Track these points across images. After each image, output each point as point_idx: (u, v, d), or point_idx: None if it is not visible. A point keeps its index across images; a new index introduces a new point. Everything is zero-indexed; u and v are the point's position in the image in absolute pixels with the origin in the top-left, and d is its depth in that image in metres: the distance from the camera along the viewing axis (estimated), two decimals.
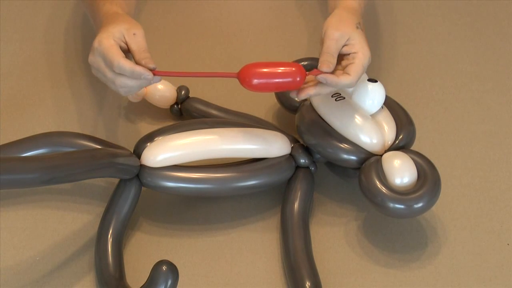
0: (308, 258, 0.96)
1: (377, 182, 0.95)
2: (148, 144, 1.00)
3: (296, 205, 1.00)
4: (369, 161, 0.98)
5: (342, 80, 0.95)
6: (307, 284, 0.93)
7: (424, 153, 1.03)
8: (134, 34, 0.97)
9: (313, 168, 1.04)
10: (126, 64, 0.94)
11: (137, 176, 0.99)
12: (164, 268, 0.85)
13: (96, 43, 0.96)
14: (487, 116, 1.16)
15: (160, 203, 1.05)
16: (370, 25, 1.22)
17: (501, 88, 1.20)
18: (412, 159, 0.97)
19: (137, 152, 1.00)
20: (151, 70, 0.95)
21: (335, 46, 0.97)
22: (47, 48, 1.25)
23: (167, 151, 0.99)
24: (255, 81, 0.94)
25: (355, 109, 1.00)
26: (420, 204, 0.94)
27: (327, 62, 0.95)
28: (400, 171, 0.96)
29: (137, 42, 0.97)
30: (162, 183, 0.99)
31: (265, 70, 0.94)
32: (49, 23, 1.29)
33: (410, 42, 1.26)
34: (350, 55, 0.97)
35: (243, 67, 0.95)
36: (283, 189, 1.03)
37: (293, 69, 0.95)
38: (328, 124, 1.01)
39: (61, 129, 1.12)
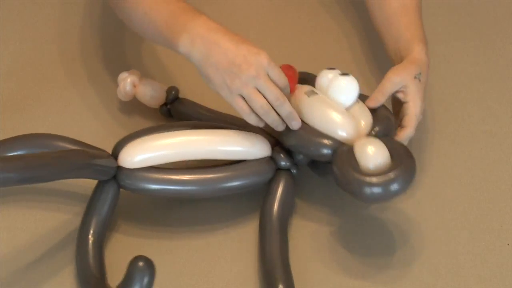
0: (282, 261, 0.95)
1: (351, 169, 0.94)
2: (126, 145, 1.00)
3: (275, 207, 0.99)
4: (340, 149, 0.96)
5: (403, 135, 1.01)
6: (280, 287, 0.92)
7: (424, 153, 1.03)
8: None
9: (294, 171, 1.03)
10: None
11: (115, 177, 0.99)
12: (140, 264, 0.84)
13: (265, 58, 0.96)
14: (487, 116, 1.16)
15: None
16: (370, 26, 1.22)
17: (501, 88, 1.20)
18: (384, 142, 0.96)
19: (115, 153, 0.99)
20: None
21: (389, 87, 1.02)
22: (47, 48, 1.25)
23: (145, 151, 0.99)
24: None
25: (330, 104, 0.99)
26: (396, 184, 0.92)
27: (375, 99, 1.02)
28: (373, 155, 0.94)
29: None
30: (139, 185, 0.98)
31: None
32: (49, 23, 1.29)
33: None
34: (404, 105, 1.02)
35: None
36: (264, 192, 1.02)
37: None
38: (305, 123, 1.00)
39: (59, 129, 1.12)
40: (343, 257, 0.99)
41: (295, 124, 0.98)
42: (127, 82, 1.12)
